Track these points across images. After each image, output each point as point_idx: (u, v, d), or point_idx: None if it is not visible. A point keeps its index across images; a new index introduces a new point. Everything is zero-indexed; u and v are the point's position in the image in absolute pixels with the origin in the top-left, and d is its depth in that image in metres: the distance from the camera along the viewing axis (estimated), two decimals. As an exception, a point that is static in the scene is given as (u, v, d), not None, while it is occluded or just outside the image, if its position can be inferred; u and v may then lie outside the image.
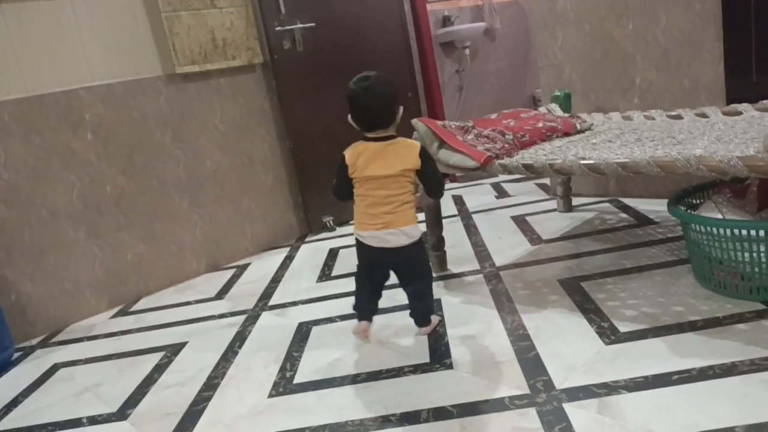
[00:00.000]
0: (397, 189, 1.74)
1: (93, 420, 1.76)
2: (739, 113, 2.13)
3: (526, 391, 1.50)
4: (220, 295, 2.65)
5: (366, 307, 1.90)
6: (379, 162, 1.74)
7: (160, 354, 2.14)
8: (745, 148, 1.61)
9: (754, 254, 1.68)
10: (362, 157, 1.75)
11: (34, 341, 2.49)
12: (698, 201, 2.05)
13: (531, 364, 1.62)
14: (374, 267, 1.85)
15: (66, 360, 2.24)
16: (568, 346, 1.67)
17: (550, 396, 1.46)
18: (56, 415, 1.83)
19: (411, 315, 1.91)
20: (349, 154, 1.78)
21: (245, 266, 3.00)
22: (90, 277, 2.66)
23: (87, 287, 2.66)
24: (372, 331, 1.91)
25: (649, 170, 1.67)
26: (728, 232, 1.71)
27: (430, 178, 1.79)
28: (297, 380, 1.77)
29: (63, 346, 2.38)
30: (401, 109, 1.78)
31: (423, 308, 1.90)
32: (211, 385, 1.83)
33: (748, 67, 2.43)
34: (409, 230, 1.76)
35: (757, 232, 1.66)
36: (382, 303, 1.96)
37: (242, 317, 2.33)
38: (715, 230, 1.74)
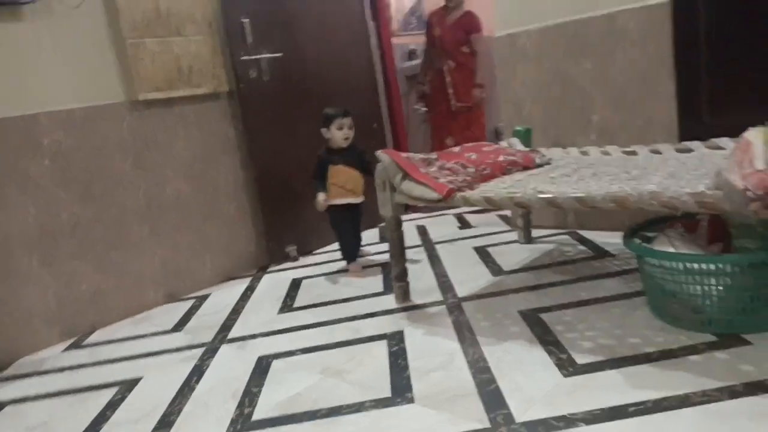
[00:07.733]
0: None
1: (39, 460, 1.68)
2: (691, 150, 2.21)
3: (487, 425, 1.50)
4: (178, 327, 2.59)
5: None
6: None
7: (114, 390, 2.06)
8: (696, 184, 1.66)
9: (705, 287, 1.74)
10: None
11: (-20, 376, 2.38)
12: (653, 234, 2.11)
13: (491, 397, 1.62)
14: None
15: (14, 397, 2.14)
16: (528, 378, 1.68)
17: (510, 429, 1.46)
18: (0, 454, 1.75)
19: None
20: None
21: (205, 297, 2.94)
22: (42, 308, 2.57)
23: (38, 318, 2.56)
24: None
25: (604, 205, 1.72)
26: (680, 265, 1.76)
27: None
28: (255, 417, 1.73)
29: (11, 382, 2.28)
30: (323, 130, 2.84)
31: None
32: (166, 423, 1.78)
33: (699, 107, 2.53)
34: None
35: (708, 266, 1.72)
36: (345, 335, 2.18)
37: (200, 350, 2.28)
38: (667, 263, 1.79)
